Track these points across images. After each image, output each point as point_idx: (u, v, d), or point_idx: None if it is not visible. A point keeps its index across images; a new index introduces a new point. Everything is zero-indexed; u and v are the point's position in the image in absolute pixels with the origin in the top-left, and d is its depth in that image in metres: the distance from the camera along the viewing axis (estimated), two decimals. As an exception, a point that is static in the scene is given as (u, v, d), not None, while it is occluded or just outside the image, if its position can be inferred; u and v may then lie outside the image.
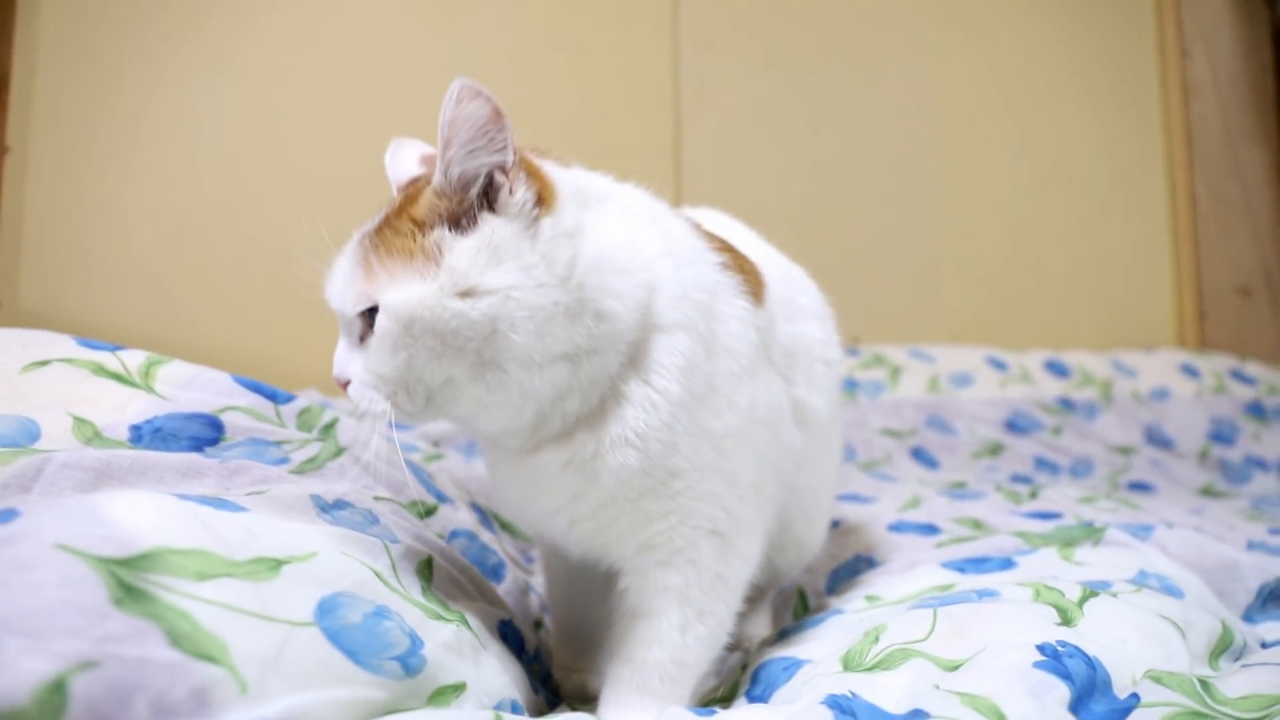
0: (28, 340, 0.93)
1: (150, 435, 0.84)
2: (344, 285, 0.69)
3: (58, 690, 0.38)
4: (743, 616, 0.85)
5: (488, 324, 0.64)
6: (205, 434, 0.88)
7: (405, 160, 0.78)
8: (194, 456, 0.81)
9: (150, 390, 0.90)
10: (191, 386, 0.93)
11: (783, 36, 2.44)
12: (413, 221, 0.67)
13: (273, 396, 0.99)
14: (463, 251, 0.65)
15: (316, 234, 0.75)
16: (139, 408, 0.87)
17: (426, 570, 0.78)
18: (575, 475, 0.70)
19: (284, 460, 0.88)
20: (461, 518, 1.09)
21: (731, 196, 2.46)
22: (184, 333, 1.95)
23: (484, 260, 0.65)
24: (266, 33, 2.13)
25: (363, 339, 0.68)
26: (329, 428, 0.98)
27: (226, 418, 0.90)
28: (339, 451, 0.92)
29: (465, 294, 0.64)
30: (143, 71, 2.05)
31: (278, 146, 2.13)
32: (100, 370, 0.91)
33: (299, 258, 0.75)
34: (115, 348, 0.94)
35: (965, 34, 2.58)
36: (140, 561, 0.49)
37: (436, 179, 0.66)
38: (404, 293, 0.64)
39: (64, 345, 0.92)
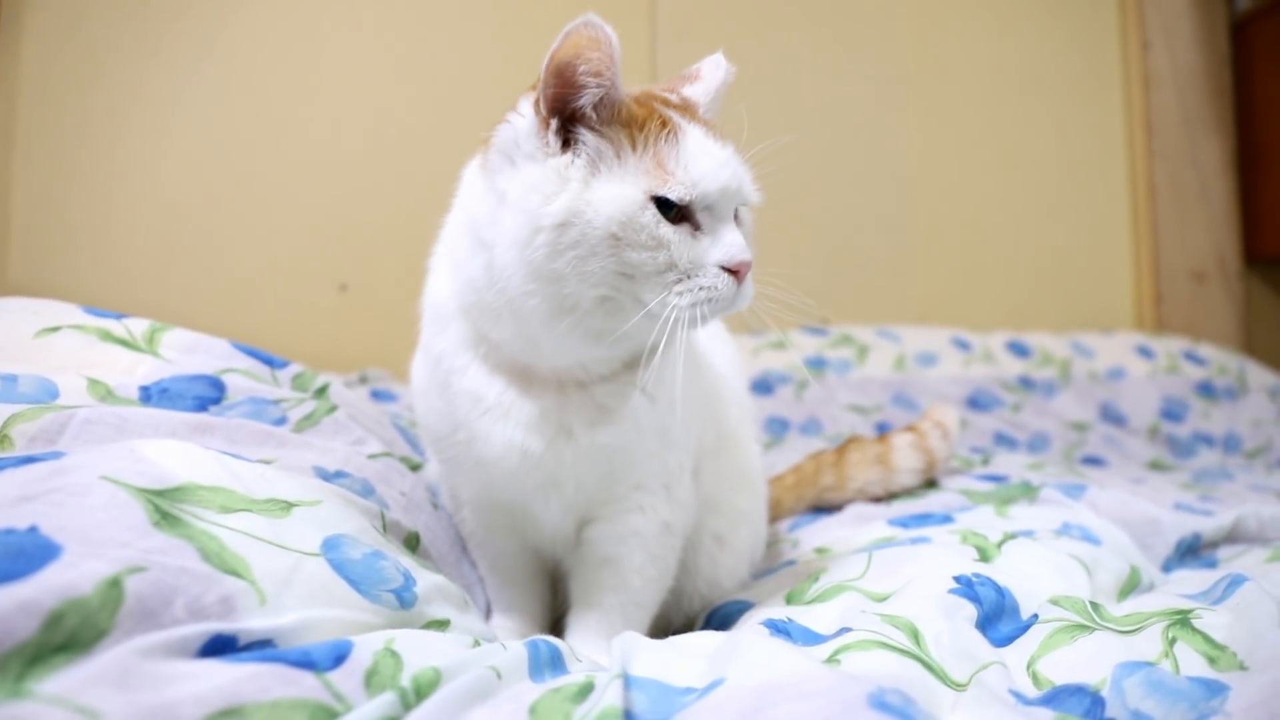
0: (37, 308, 1.00)
1: (158, 395, 0.91)
2: (748, 175, 0.76)
3: (115, 586, 0.46)
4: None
5: None
6: (209, 394, 0.95)
7: None
8: (202, 416, 0.88)
9: (156, 354, 0.97)
10: (194, 351, 1.00)
11: (756, 27, 2.51)
12: None
13: (269, 361, 1.06)
14: None
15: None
16: (146, 370, 0.94)
17: (414, 541, 0.86)
18: (632, 401, 0.77)
19: (283, 419, 0.96)
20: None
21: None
22: (169, 311, 2.00)
23: None
24: (251, 16, 2.17)
25: None
26: (322, 390, 1.05)
27: (228, 379, 0.97)
28: (333, 409, 0.99)
29: None
30: (130, 52, 2.09)
31: (262, 127, 2.18)
32: (108, 336, 0.97)
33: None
34: (120, 316, 1.01)
35: (933, 25, 2.66)
36: (173, 494, 0.56)
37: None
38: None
39: (72, 313, 0.99)
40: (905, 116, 2.62)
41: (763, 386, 2.18)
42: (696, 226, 0.70)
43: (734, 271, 0.70)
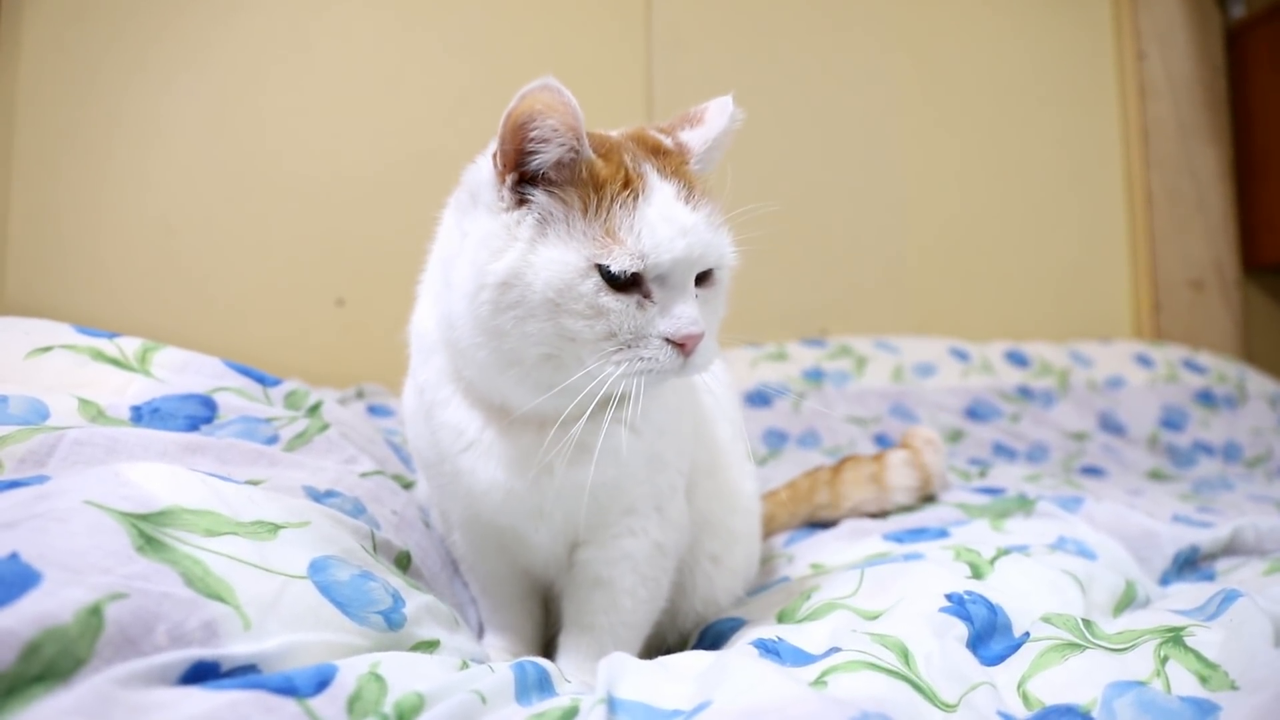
0: (29, 328, 1.00)
1: (149, 415, 0.91)
2: (719, 240, 0.71)
3: (95, 614, 0.46)
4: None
5: None
6: (200, 413, 0.94)
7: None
8: (193, 435, 0.87)
9: (147, 374, 0.97)
10: (186, 370, 0.99)
11: (753, 38, 2.52)
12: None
13: (261, 380, 1.06)
14: None
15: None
16: (138, 390, 0.94)
17: (405, 560, 0.86)
18: (613, 438, 0.74)
19: (274, 438, 0.95)
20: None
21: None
22: (165, 327, 2.00)
23: None
24: (245, 30, 2.18)
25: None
26: (315, 408, 1.05)
27: (219, 398, 0.97)
28: (325, 427, 0.99)
29: None
30: (123, 68, 2.10)
31: (257, 141, 2.18)
32: (99, 356, 0.97)
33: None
34: (112, 335, 1.01)
35: (930, 37, 2.67)
36: (158, 518, 0.56)
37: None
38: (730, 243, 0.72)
39: (63, 333, 0.99)
40: (903, 127, 2.63)
41: (760, 398, 2.17)
42: (647, 294, 0.67)
43: (680, 344, 0.67)
